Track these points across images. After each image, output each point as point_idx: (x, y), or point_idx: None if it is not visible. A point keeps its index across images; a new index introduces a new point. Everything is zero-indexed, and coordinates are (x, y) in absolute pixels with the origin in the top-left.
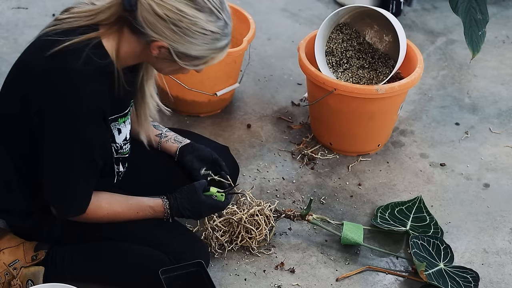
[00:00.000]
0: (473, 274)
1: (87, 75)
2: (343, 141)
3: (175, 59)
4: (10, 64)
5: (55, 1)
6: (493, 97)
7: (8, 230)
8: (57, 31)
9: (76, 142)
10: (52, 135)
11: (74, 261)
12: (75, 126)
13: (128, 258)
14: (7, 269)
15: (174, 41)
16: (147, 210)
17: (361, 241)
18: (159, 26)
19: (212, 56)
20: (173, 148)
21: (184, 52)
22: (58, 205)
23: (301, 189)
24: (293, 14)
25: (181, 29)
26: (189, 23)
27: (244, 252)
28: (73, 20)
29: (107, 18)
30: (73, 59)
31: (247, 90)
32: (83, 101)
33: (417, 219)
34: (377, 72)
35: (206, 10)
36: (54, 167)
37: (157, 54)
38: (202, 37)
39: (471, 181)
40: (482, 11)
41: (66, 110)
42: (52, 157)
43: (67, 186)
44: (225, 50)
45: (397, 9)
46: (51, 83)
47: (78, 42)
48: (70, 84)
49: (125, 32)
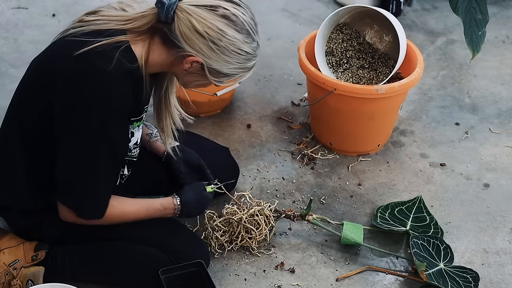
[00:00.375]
0: (473, 274)
1: (117, 75)
2: (343, 141)
3: (206, 75)
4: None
5: (55, 1)
6: (493, 97)
7: (8, 230)
8: (84, 31)
9: (102, 140)
10: (78, 133)
11: (74, 261)
12: (103, 124)
13: (128, 258)
14: (7, 269)
15: (210, 58)
16: (157, 207)
17: (361, 241)
18: (197, 42)
19: (241, 74)
20: (161, 148)
21: (216, 69)
22: (76, 204)
23: (301, 189)
24: (293, 14)
25: (219, 48)
26: (228, 42)
27: (244, 252)
28: (102, 22)
29: (139, 27)
30: (103, 60)
31: (247, 90)
32: (112, 100)
33: (417, 219)
34: (377, 72)
35: (244, 31)
36: (76, 165)
37: (188, 67)
38: (237, 56)
39: (471, 181)
40: (482, 11)
41: (96, 108)
42: (75, 155)
43: (88, 184)
44: (252, 70)
45: (397, 9)
46: (81, 81)
47: (107, 44)
48: (100, 83)
49: (155, 41)
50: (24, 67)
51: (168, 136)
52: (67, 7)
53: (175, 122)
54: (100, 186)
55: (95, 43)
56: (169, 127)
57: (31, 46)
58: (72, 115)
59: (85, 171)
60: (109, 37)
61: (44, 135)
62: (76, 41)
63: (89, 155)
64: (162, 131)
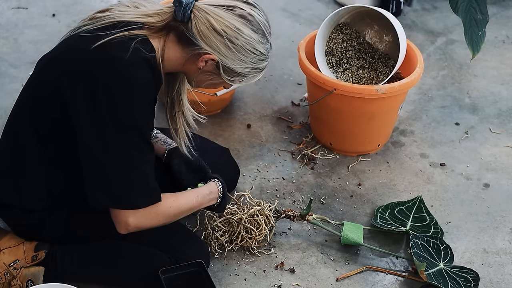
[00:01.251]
0: (473, 274)
1: (137, 63)
2: (343, 141)
3: (221, 73)
4: (10, 64)
5: (55, 1)
6: (493, 97)
7: (8, 230)
8: (98, 27)
9: (131, 127)
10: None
11: (74, 261)
12: (130, 111)
13: (128, 258)
14: (7, 269)
15: (226, 56)
16: (206, 193)
17: (361, 241)
18: (214, 40)
19: (253, 75)
20: (161, 150)
21: (231, 68)
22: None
23: (301, 189)
24: (293, 14)
25: (235, 46)
26: (244, 41)
27: (244, 252)
28: (117, 16)
29: (155, 23)
30: (119, 50)
31: (247, 90)
32: (135, 87)
33: (417, 219)
34: (377, 72)
35: (260, 32)
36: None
37: (203, 66)
38: (252, 56)
39: (471, 181)
40: (482, 11)
41: (119, 96)
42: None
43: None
44: (264, 71)
45: (397, 9)
46: (99, 72)
47: (124, 36)
48: (119, 71)
49: (170, 39)
50: (24, 67)
51: (182, 137)
52: (67, 7)
53: (189, 123)
54: (142, 175)
55: (111, 35)
56: (182, 128)
57: (31, 46)
58: (95, 108)
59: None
60: (125, 28)
61: (56, 132)
62: (91, 36)
63: (121, 145)
64: (176, 132)
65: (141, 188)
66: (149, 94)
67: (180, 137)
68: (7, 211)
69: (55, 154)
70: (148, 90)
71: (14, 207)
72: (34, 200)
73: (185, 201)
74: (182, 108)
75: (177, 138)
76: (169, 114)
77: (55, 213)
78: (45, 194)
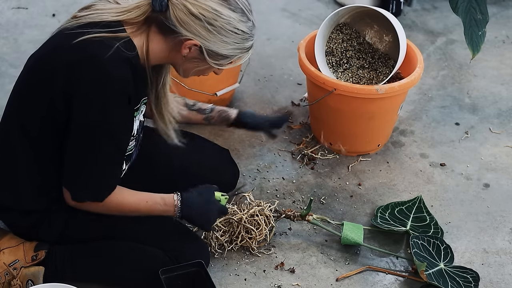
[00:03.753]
0: (473, 274)
1: (114, 61)
2: (343, 141)
3: (206, 58)
4: (10, 64)
5: (55, 1)
6: (493, 97)
7: (8, 230)
8: (79, 24)
9: (104, 126)
10: (81, 123)
11: (74, 261)
12: (104, 110)
13: (128, 258)
14: (7, 269)
15: (207, 39)
16: (158, 201)
17: (361, 241)
18: (194, 25)
19: (240, 55)
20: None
21: (215, 51)
22: (78, 188)
23: (301, 189)
24: (293, 14)
25: (215, 28)
26: (224, 22)
27: (244, 252)
28: (97, 15)
29: (135, 18)
30: (100, 49)
31: (247, 90)
32: (111, 85)
33: (417, 219)
34: (377, 72)
35: (238, 10)
36: (81, 151)
37: (187, 53)
38: (234, 36)
39: (471, 181)
40: (482, 11)
41: (95, 97)
42: (79, 142)
43: (91, 171)
44: (250, 51)
45: (397, 9)
46: (79, 70)
47: (106, 37)
48: (98, 70)
49: (152, 31)
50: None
51: (170, 129)
52: (67, 7)
53: (175, 117)
54: (104, 169)
55: (92, 33)
56: (169, 121)
57: (31, 46)
58: (74, 103)
59: (87, 157)
60: (107, 29)
61: (46, 131)
62: (73, 33)
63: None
64: (163, 128)
65: (90, 183)
66: (124, 94)
67: (169, 129)
68: (5, 213)
69: (48, 154)
70: (123, 90)
71: (11, 209)
72: (31, 202)
73: (131, 205)
74: (168, 101)
75: (166, 131)
76: (155, 108)
77: (54, 213)
78: (42, 195)
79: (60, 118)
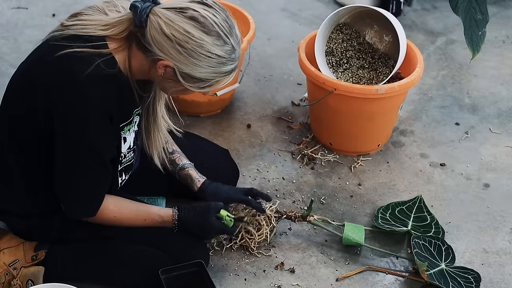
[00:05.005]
0: (474, 274)
1: (94, 81)
2: (343, 141)
3: (180, 80)
4: (10, 64)
5: (55, 1)
6: (493, 97)
7: (8, 230)
8: (64, 36)
9: (85, 147)
10: (62, 141)
11: (74, 261)
12: (84, 132)
13: (128, 258)
14: (7, 269)
15: (179, 61)
16: (156, 218)
17: (362, 242)
18: (166, 45)
19: (217, 79)
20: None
21: (188, 74)
22: (68, 206)
23: (301, 189)
24: (293, 14)
25: (186, 50)
26: (195, 45)
27: (244, 252)
28: (80, 28)
29: (118, 34)
30: (80, 66)
31: (247, 90)
32: (90, 106)
33: (418, 219)
34: (377, 72)
35: (213, 33)
36: (66, 171)
37: (163, 73)
38: (207, 60)
39: (471, 181)
40: (482, 11)
41: (74, 116)
42: (64, 161)
43: (77, 189)
44: (231, 75)
45: (397, 9)
46: (58, 87)
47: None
48: (77, 91)
49: (133, 47)
50: None
51: (155, 148)
52: (67, 7)
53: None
54: (89, 189)
55: (74, 48)
56: (156, 139)
57: (31, 46)
58: (53, 120)
59: (73, 175)
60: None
61: (34, 137)
62: (57, 45)
63: (75, 161)
64: (149, 142)
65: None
66: (103, 113)
67: (153, 148)
68: (4, 216)
69: (37, 159)
70: (102, 110)
71: (10, 212)
72: (29, 206)
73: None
74: (157, 118)
75: (149, 149)
76: (144, 124)
77: (53, 216)
78: (40, 199)
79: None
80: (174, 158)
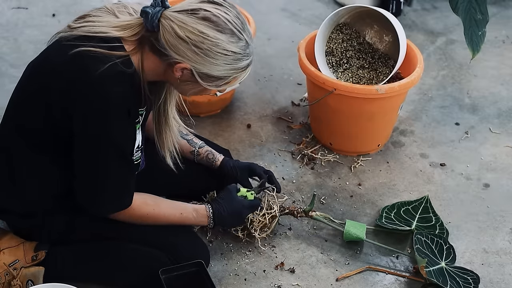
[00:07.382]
0: (473, 276)
1: (112, 77)
2: (343, 141)
3: (198, 80)
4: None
5: (55, 1)
6: (493, 97)
7: (8, 230)
8: (75, 36)
9: (107, 142)
10: (83, 138)
11: (74, 261)
12: (104, 127)
13: (128, 258)
14: (7, 269)
15: (196, 62)
16: (191, 212)
17: (363, 236)
18: (181, 48)
19: (235, 76)
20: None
21: (206, 73)
22: (97, 202)
23: (301, 189)
24: (293, 14)
25: (202, 51)
26: (211, 44)
27: (244, 252)
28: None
29: (129, 37)
30: (97, 64)
31: (247, 90)
32: (110, 101)
33: (423, 219)
34: (377, 72)
35: (227, 31)
36: (90, 168)
37: (180, 75)
38: (224, 57)
39: (471, 181)
40: (482, 11)
41: (94, 112)
42: (86, 159)
43: (106, 185)
44: (247, 70)
45: (397, 9)
46: (75, 84)
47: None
48: (95, 87)
49: (146, 51)
50: (24, 67)
51: (167, 148)
52: (67, 7)
53: (174, 136)
54: (117, 183)
55: (89, 47)
56: (168, 139)
57: (31, 46)
58: (72, 119)
59: (98, 172)
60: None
61: (45, 137)
62: (69, 45)
63: (97, 157)
64: (161, 143)
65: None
66: (122, 108)
67: (166, 148)
68: (5, 215)
69: (47, 161)
70: (121, 104)
71: (11, 211)
72: (31, 205)
73: (165, 216)
74: (168, 119)
75: (162, 149)
76: (155, 124)
77: (54, 216)
78: (42, 199)
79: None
80: (192, 138)
